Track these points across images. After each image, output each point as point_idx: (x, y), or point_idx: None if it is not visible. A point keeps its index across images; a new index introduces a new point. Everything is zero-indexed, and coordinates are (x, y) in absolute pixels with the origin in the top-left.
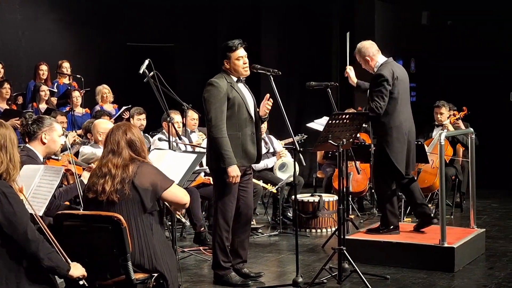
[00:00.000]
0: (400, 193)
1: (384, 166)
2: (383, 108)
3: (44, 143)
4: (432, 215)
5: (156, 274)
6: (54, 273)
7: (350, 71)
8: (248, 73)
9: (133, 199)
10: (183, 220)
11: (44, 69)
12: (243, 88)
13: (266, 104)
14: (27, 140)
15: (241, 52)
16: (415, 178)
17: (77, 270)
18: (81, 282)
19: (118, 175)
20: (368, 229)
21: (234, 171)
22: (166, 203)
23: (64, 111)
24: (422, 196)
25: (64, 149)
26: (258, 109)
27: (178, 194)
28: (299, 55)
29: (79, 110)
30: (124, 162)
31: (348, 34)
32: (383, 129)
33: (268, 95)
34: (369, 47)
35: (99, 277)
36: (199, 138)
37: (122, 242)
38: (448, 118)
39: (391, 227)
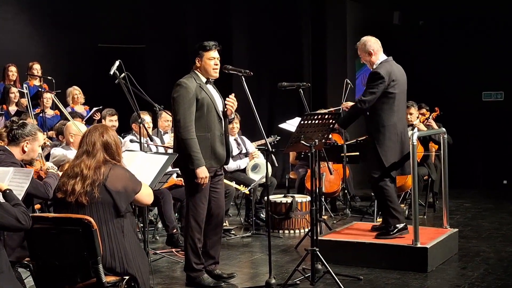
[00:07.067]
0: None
1: (377, 165)
2: (369, 104)
3: (24, 152)
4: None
5: (127, 277)
6: None
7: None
8: (217, 75)
9: (104, 203)
10: None
11: (13, 71)
12: (212, 89)
13: (229, 102)
14: (5, 141)
15: (214, 54)
16: None
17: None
18: None
19: (89, 176)
20: (377, 234)
21: (202, 172)
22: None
23: (34, 113)
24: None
25: None
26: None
27: (146, 196)
28: (270, 55)
29: (49, 112)
30: (96, 164)
31: None
32: (376, 127)
33: (233, 94)
34: (374, 42)
35: (70, 280)
36: (171, 140)
37: (93, 244)
38: (417, 118)
39: (400, 226)
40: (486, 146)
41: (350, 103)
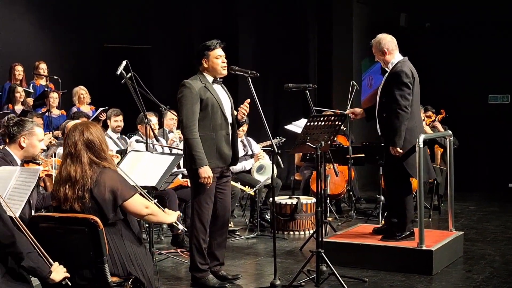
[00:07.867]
0: (379, 195)
1: (397, 170)
2: (410, 106)
3: (22, 147)
4: None
5: (132, 277)
6: (34, 275)
7: (353, 110)
8: (226, 73)
9: (94, 210)
10: (180, 227)
11: (19, 70)
12: (219, 89)
13: (242, 108)
14: (7, 141)
15: (219, 52)
16: None
17: (58, 274)
18: (63, 282)
19: (78, 181)
20: (383, 237)
21: (205, 172)
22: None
23: (40, 112)
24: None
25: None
26: (236, 111)
27: (137, 206)
28: (276, 56)
29: (56, 112)
30: (83, 167)
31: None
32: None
33: (248, 100)
34: (390, 40)
35: (75, 280)
36: (176, 134)
37: (99, 244)
38: (423, 120)
39: (408, 232)
40: (491, 149)
41: (358, 109)
